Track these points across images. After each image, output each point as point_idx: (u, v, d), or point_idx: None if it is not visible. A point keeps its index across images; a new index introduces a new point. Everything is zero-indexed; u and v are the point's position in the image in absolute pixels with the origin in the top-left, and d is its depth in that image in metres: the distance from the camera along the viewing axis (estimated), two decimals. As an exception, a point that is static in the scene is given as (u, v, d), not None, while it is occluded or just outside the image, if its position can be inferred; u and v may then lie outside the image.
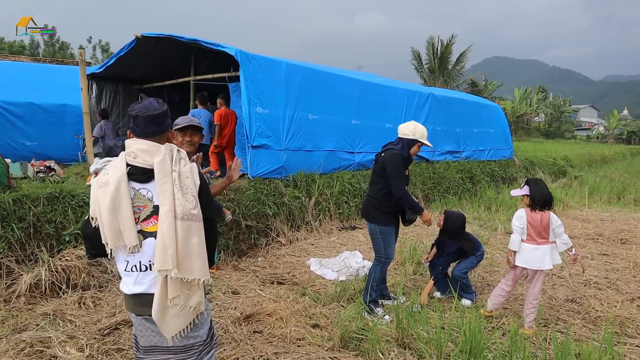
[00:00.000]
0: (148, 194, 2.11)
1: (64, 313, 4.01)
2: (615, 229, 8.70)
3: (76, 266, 4.51)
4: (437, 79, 35.30)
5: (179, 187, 2.08)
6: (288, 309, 4.13)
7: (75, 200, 4.96)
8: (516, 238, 4.12)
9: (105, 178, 2.03)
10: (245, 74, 6.94)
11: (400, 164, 4.18)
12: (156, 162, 2.07)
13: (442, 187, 10.60)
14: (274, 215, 6.66)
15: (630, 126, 66.35)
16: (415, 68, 36.65)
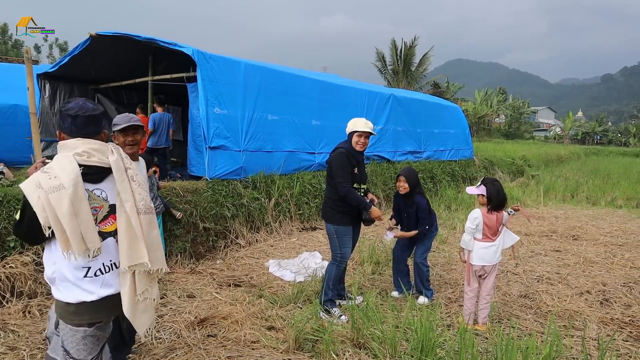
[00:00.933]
0: (102, 194, 2.11)
1: (6, 323, 3.82)
2: (568, 226, 9.01)
3: (21, 273, 4.31)
4: (400, 81, 35.73)
5: (138, 183, 2.17)
6: (244, 311, 4.08)
7: (20, 205, 4.75)
8: (468, 238, 4.21)
9: (55, 182, 1.94)
10: (202, 74, 6.84)
11: (344, 161, 4.19)
12: (112, 161, 2.09)
13: (403, 187, 10.71)
14: (233, 217, 6.58)
15: (584, 127, 69.09)
16: (379, 70, 37.00)
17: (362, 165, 4.49)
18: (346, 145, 4.35)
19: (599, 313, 4.69)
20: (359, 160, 4.40)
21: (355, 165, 4.31)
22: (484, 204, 4.27)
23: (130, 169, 2.18)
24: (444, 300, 4.89)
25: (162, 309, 4.24)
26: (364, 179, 4.50)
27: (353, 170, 4.27)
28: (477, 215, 4.23)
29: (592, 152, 38.88)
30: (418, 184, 4.88)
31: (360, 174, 4.40)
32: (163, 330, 3.81)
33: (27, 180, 2.00)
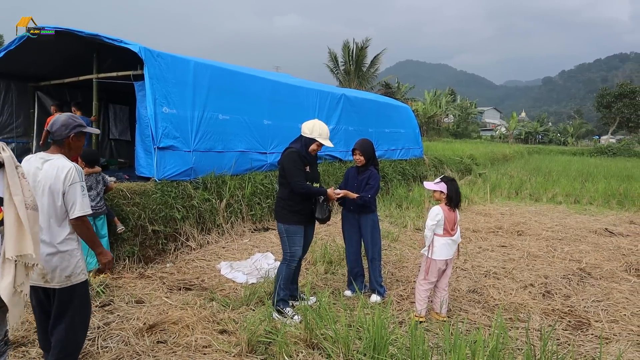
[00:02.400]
0: None
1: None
2: (513, 222, 9.37)
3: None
4: (352, 81, 36.11)
5: (27, 181, 2.35)
6: (195, 315, 3.99)
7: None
8: (430, 234, 4.34)
9: None
10: (150, 72, 6.64)
11: (297, 160, 4.25)
12: (6, 157, 2.21)
13: (355, 186, 10.81)
14: (183, 219, 6.43)
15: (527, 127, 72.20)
16: (331, 70, 37.24)
17: (314, 165, 4.57)
18: (298, 145, 4.38)
19: (542, 305, 4.91)
20: (311, 160, 4.47)
21: (307, 164, 4.36)
22: (440, 200, 4.41)
23: (20, 166, 2.33)
24: (396, 297, 4.97)
25: (108, 316, 4.09)
26: (317, 177, 4.55)
27: (305, 168, 4.32)
28: (438, 212, 4.37)
29: (535, 151, 40.67)
30: (374, 155, 4.93)
31: (312, 172, 4.47)
32: (110, 339, 3.66)
33: None
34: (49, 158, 2.84)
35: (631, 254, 7.07)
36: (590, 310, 4.78)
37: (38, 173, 2.78)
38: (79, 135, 2.97)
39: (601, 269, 6.24)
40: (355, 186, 4.83)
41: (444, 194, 4.43)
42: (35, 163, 2.82)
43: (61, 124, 2.89)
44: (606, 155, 37.51)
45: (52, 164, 2.81)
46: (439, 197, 4.47)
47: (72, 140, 2.93)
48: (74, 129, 2.92)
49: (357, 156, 4.85)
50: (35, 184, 2.76)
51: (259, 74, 9.49)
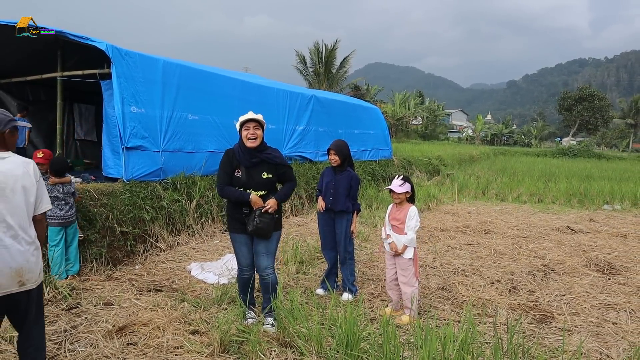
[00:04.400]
0: None
1: None
2: (480, 221, 9.59)
3: None
4: (322, 82, 36.22)
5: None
6: (166, 317, 3.93)
7: None
8: (414, 236, 4.40)
9: None
10: (118, 70, 6.52)
11: (224, 161, 3.91)
12: None
13: (326, 186, 10.86)
14: (152, 220, 6.33)
15: (493, 129, 73.92)
16: (300, 71, 37.26)
17: (253, 169, 3.87)
18: (236, 144, 3.96)
19: (508, 300, 5.05)
20: (248, 160, 3.84)
21: (237, 167, 3.86)
22: (403, 200, 4.47)
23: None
24: (367, 295, 5.02)
25: (75, 320, 4.00)
26: (255, 184, 3.86)
27: (235, 171, 3.86)
28: (417, 211, 4.45)
29: (500, 152, 41.65)
30: (349, 156, 4.96)
31: (247, 177, 3.84)
32: (77, 342, 3.58)
33: None
34: (3, 156, 2.69)
35: (591, 250, 7.35)
36: (554, 304, 4.95)
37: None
38: (13, 131, 2.81)
39: (564, 264, 6.46)
40: (333, 185, 4.87)
41: (409, 194, 4.51)
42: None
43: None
44: (567, 157, 38.82)
45: (12, 162, 2.69)
46: (403, 198, 4.52)
47: (7, 136, 2.77)
48: (8, 124, 2.76)
49: (332, 156, 4.89)
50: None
51: (229, 74, 9.44)
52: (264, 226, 3.77)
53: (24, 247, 2.66)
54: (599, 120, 53.50)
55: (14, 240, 2.63)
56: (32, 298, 2.76)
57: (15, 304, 2.72)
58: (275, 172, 3.93)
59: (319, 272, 5.77)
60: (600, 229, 9.10)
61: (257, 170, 3.86)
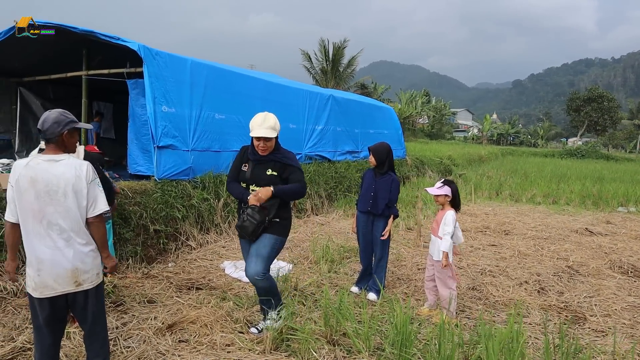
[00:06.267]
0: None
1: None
2: (499, 221, 9.65)
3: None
4: (329, 81, 36.26)
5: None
6: (211, 315, 4.01)
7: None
8: (450, 240, 4.41)
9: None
10: (149, 70, 6.60)
11: (237, 156, 3.91)
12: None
13: (343, 186, 10.95)
14: (183, 219, 6.42)
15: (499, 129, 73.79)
16: (308, 69, 37.29)
17: (259, 165, 3.80)
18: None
19: (538, 301, 5.12)
20: (258, 158, 3.79)
21: (245, 162, 3.86)
22: (444, 204, 4.51)
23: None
24: (401, 295, 5.09)
25: (123, 317, 4.08)
26: (258, 180, 3.76)
27: (242, 166, 3.87)
28: (454, 216, 4.46)
29: (508, 152, 41.65)
30: (388, 159, 5.00)
31: (251, 172, 3.79)
32: (130, 339, 3.67)
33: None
34: (58, 159, 2.69)
35: (612, 252, 7.40)
36: (584, 306, 5.01)
37: (49, 176, 2.63)
38: (72, 132, 2.80)
39: (587, 266, 6.51)
40: (373, 188, 4.95)
41: (449, 197, 4.53)
42: (43, 166, 2.64)
43: (53, 121, 2.71)
44: (575, 157, 38.77)
45: (65, 164, 2.69)
46: (442, 201, 4.55)
47: (66, 137, 2.76)
48: (67, 126, 2.75)
49: (370, 157, 4.99)
50: (50, 186, 2.62)
51: (252, 74, 9.52)
52: (249, 225, 3.59)
53: (79, 249, 2.71)
54: (608, 121, 53.34)
55: (67, 242, 2.68)
56: (90, 298, 2.81)
57: (74, 304, 2.79)
58: (283, 172, 3.76)
59: (350, 271, 5.85)
60: (619, 232, 9.13)
61: (263, 166, 3.77)
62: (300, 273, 5.49)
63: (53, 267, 2.64)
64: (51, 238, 2.65)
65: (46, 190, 2.62)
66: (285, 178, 3.76)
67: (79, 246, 2.72)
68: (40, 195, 2.61)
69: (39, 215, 2.62)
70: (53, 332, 2.80)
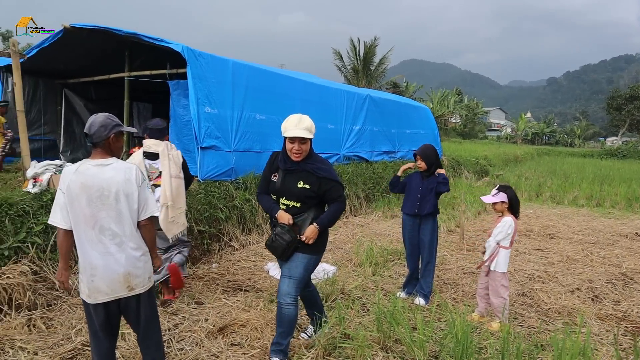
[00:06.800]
0: (156, 165, 4.39)
1: (12, 339, 3.56)
2: (542, 224, 9.36)
3: (20, 284, 4.03)
4: (360, 80, 36.07)
5: (174, 162, 4.42)
6: (261, 318, 3.99)
7: (13, 210, 4.46)
8: (494, 245, 4.30)
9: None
10: (193, 71, 6.64)
11: (266, 165, 3.54)
12: (160, 150, 4.40)
13: (381, 187, 10.82)
14: (226, 219, 6.43)
15: (534, 128, 72.02)
16: (339, 68, 37.18)
17: (290, 175, 3.36)
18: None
19: (594, 309, 4.90)
20: (290, 167, 3.35)
21: (275, 171, 3.45)
22: (502, 211, 4.36)
23: (171, 153, 4.46)
24: (450, 300, 4.96)
25: (174, 318, 4.09)
26: (288, 193, 3.35)
27: (271, 175, 3.45)
28: (511, 224, 4.30)
29: (544, 152, 40.59)
30: (437, 161, 4.87)
31: (281, 183, 3.38)
32: (182, 341, 3.67)
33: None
34: (106, 163, 2.70)
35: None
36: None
37: (99, 181, 2.64)
38: (118, 135, 2.81)
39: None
40: (420, 189, 4.83)
41: (506, 204, 4.38)
42: (93, 171, 2.66)
43: (99, 125, 2.71)
44: (616, 158, 37.41)
45: (114, 168, 2.70)
46: (500, 209, 4.40)
47: (112, 141, 2.76)
48: (113, 129, 2.76)
49: (419, 162, 4.85)
50: (102, 191, 2.63)
51: (291, 74, 9.50)
52: (278, 246, 3.29)
53: (131, 253, 2.72)
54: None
55: (119, 247, 2.68)
56: (142, 302, 2.82)
57: (127, 308, 2.80)
58: (318, 187, 3.32)
59: (394, 275, 5.75)
60: (673, 237, 8.73)
61: (294, 177, 3.34)
62: (345, 276, 5.41)
63: (106, 273, 2.65)
64: (103, 244, 2.65)
65: (98, 195, 2.62)
66: (322, 194, 3.35)
67: (131, 251, 2.72)
68: (92, 201, 2.62)
69: (91, 221, 2.63)
70: (109, 336, 2.82)
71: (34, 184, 4.83)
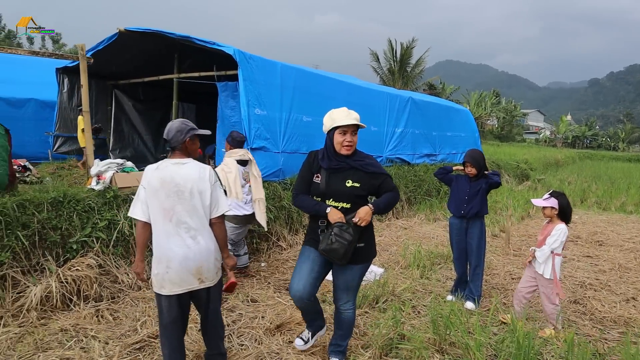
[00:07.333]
0: (247, 170, 5.15)
1: (84, 328, 3.77)
2: (589, 231, 9.13)
3: (87, 276, 4.25)
4: (396, 81, 35.87)
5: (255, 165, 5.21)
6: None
7: (80, 206, 4.68)
8: (548, 252, 4.28)
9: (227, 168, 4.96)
10: (244, 74, 6.78)
11: (304, 164, 3.29)
12: (250, 157, 5.21)
13: (422, 189, 10.77)
14: (275, 219, 6.55)
15: (574, 131, 69.89)
16: (375, 70, 37.07)
17: (335, 174, 3.13)
18: (323, 149, 3.27)
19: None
20: (333, 162, 3.14)
21: (317, 171, 3.18)
22: (552, 217, 4.32)
23: (253, 160, 5.27)
24: (500, 305, 4.92)
25: (231, 314, 4.22)
26: (336, 193, 3.10)
27: (314, 176, 3.18)
28: (565, 231, 4.29)
29: (586, 156, 39.38)
30: (485, 164, 4.87)
31: (326, 184, 3.11)
32: (242, 337, 3.79)
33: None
34: (183, 162, 2.93)
35: None
36: None
37: (177, 177, 2.85)
38: (193, 139, 3.04)
39: (702, 284, 6.01)
40: (467, 192, 4.82)
41: (556, 210, 4.33)
42: (172, 168, 2.88)
43: (176, 130, 2.95)
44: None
45: (190, 167, 2.92)
46: (549, 214, 4.36)
47: (188, 144, 2.99)
48: (188, 133, 2.98)
49: (469, 169, 4.82)
50: (178, 186, 2.84)
51: (335, 77, 9.57)
52: (339, 247, 2.95)
53: (204, 246, 2.88)
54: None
55: (193, 240, 2.86)
56: (211, 295, 3.00)
57: (197, 300, 2.98)
58: (368, 183, 3.12)
59: (442, 278, 5.74)
60: None
61: (340, 176, 3.10)
62: (393, 278, 5.44)
63: (180, 264, 2.81)
64: (180, 236, 2.83)
65: (175, 190, 2.83)
66: (374, 190, 3.18)
67: (204, 244, 2.89)
68: (170, 195, 2.82)
69: (169, 213, 2.82)
70: (179, 329, 2.97)
71: (97, 182, 5.05)
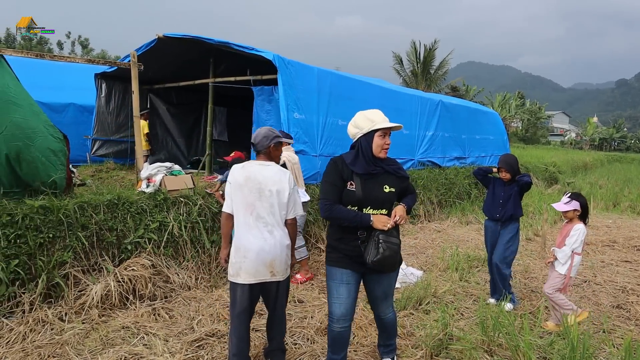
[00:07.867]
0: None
1: (143, 326, 3.94)
2: (625, 235, 9.01)
3: (142, 276, 4.43)
4: (419, 83, 35.73)
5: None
6: (364, 318, 4.16)
7: (134, 208, 4.88)
8: (569, 252, 4.34)
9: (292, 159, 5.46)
10: (283, 79, 6.94)
11: (330, 171, 3.08)
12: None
13: (453, 192, 10.77)
14: (313, 221, 6.68)
15: (602, 133, 68.50)
16: (397, 72, 36.98)
17: (371, 180, 2.98)
18: (353, 154, 3.12)
19: (701, 327, 4.73)
20: (370, 167, 2.97)
21: (350, 178, 2.97)
22: (573, 218, 4.38)
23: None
24: (542, 309, 4.94)
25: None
26: (374, 200, 2.93)
27: (346, 184, 2.96)
28: (584, 230, 4.36)
29: (614, 158, 38.63)
30: (518, 169, 4.94)
31: (362, 191, 2.90)
32: (294, 336, 3.91)
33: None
34: (266, 165, 3.23)
35: None
36: None
37: (260, 177, 3.14)
38: (277, 145, 3.35)
39: None
40: (502, 195, 4.90)
41: (578, 211, 4.39)
42: (256, 168, 3.18)
43: (263, 136, 3.27)
44: (697, 165, 35.02)
45: (273, 170, 3.21)
46: (572, 216, 4.42)
47: (272, 150, 3.31)
48: (273, 140, 3.30)
49: (503, 174, 4.89)
50: (260, 185, 3.12)
51: (369, 81, 9.68)
52: (392, 254, 2.80)
53: (279, 241, 3.11)
54: None
55: (270, 234, 3.10)
56: (280, 289, 3.22)
57: (267, 292, 3.19)
58: (399, 187, 3.07)
59: (481, 281, 5.77)
60: None
61: (377, 181, 2.96)
62: (433, 280, 5.50)
63: (257, 255, 3.03)
64: (258, 229, 3.08)
65: (257, 187, 3.10)
66: (402, 194, 3.16)
67: (279, 239, 3.12)
68: (252, 191, 3.09)
69: (250, 208, 3.08)
70: (247, 319, 3.18)
71: (147, 184, 5.24)
